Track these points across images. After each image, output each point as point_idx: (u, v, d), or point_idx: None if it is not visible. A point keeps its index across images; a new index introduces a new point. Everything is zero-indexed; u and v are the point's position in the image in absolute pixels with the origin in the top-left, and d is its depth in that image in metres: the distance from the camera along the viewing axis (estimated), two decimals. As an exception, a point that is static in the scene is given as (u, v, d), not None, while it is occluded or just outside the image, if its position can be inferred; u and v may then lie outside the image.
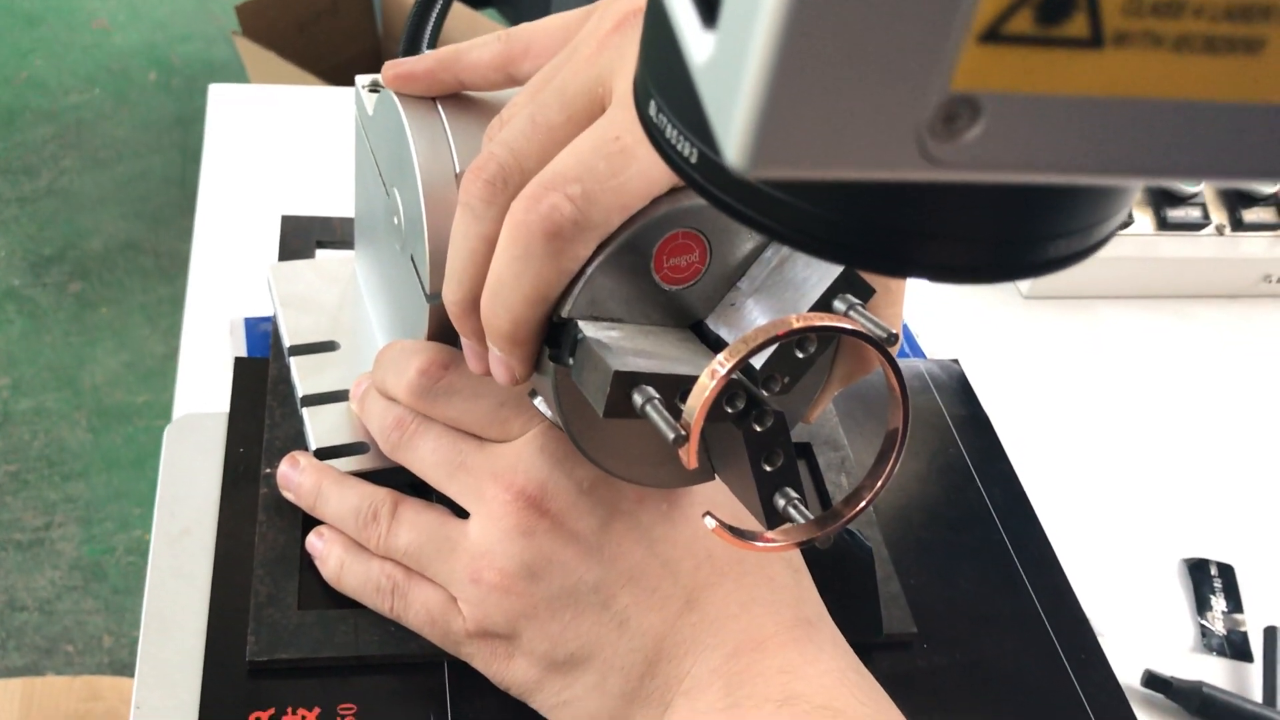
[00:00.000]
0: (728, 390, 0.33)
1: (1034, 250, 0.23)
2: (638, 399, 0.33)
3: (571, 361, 0.35)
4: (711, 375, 0.31)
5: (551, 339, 0.37)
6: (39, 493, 1.60)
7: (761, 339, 0.31)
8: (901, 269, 0.22)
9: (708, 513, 0.34)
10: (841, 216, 0.22)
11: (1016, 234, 0.22)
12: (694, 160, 0.23)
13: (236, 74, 2.18)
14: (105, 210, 2.08)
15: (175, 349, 0.63)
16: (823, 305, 0.35)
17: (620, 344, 0.35)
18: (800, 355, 0.35)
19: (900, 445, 0.35)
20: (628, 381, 0.33)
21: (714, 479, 0.39)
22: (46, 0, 2.57)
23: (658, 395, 0.33)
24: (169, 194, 2.13)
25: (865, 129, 0.16)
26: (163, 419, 0.52)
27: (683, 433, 0.31)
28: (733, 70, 0.16)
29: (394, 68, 0.44)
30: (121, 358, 1.81)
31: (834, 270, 0.36)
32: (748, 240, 0.38)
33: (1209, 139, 0.17)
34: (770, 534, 0.35)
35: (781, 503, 0.36)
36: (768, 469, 0.36)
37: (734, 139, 0.16)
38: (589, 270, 0.35)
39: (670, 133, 0.23)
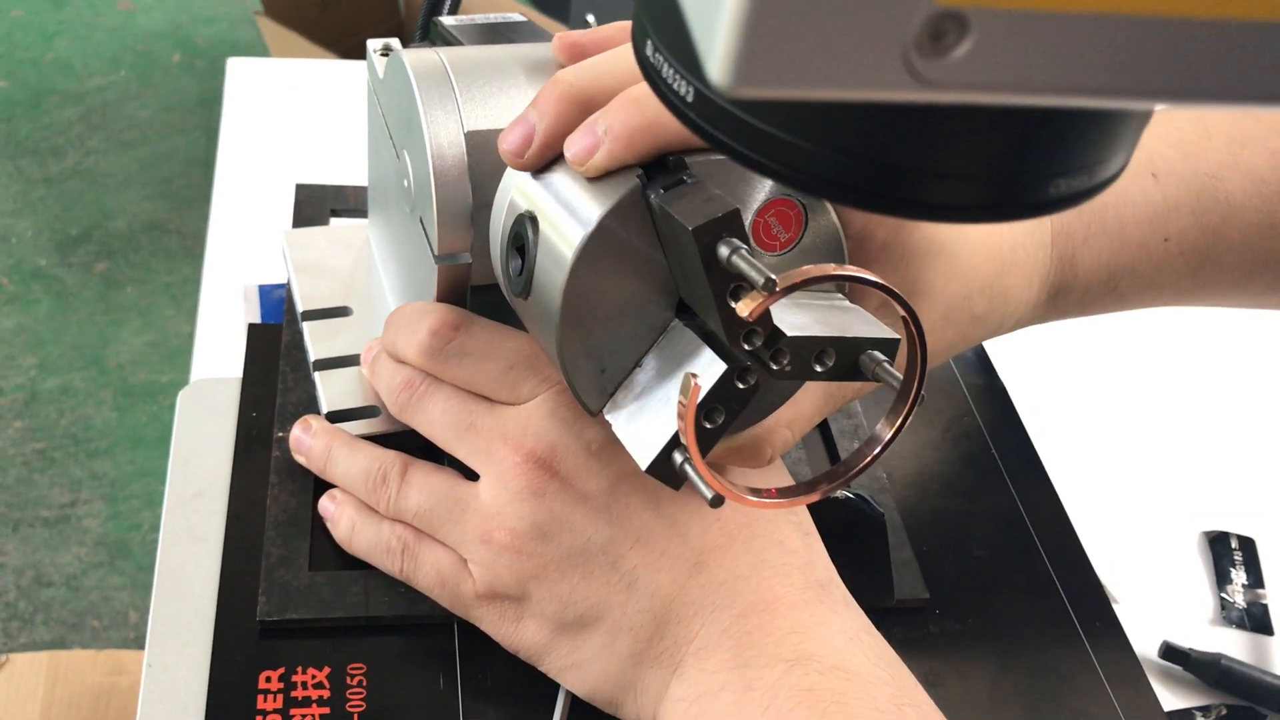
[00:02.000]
0: (758, 323, 0.33)
1: (1034, 189, 0.22)
2: (724, 250, 0.33)
3: (662, 191, 0.35)
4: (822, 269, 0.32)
5: (649, 168, 0.36)
6: (65, 470, 1.61)
7: (817, 274, 0.31)
8: (898, 207, 0.22)
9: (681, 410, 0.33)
10: (839, 153, 0.22)
11: (1016, 171, 0.22)
12: (690, 99, 0.23)
13: (260, 54, 2.19)
14: (130, 191, 2.09)
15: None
16: (851, 351, 0.34)
17: None
18: (817, 368, 0.34)
19: (908, 412, 0.35)
20: (734, 224, 0.33)
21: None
22: (72, -18, 2.59)
23: (745, 247, 0.33)
24: (193, 175, 2.14)
25: (850, 45, 0.16)
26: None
27: (773, 277, 0.31)
28: (715, -14, 0.16)
29: (566, 38, 0.42)
30: (147, 337, 1.82)
31: (875, 327, 0.36)
32: (824, 245, 0.38)
33: (1201, 58, 0.16)
34: (773, 490, 0.35)
35: (679, 459, 0.35)
36: (707, 426, 0.35)
37: (717, 57, 0.16)
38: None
39: (666, 71, 0.23)
